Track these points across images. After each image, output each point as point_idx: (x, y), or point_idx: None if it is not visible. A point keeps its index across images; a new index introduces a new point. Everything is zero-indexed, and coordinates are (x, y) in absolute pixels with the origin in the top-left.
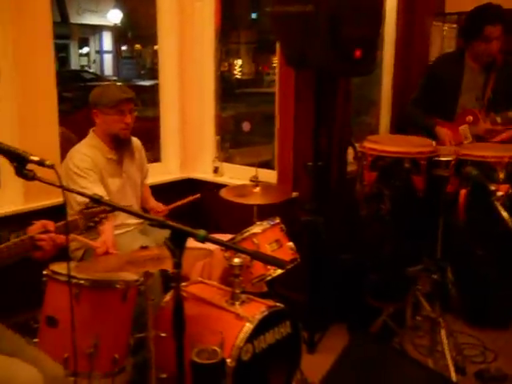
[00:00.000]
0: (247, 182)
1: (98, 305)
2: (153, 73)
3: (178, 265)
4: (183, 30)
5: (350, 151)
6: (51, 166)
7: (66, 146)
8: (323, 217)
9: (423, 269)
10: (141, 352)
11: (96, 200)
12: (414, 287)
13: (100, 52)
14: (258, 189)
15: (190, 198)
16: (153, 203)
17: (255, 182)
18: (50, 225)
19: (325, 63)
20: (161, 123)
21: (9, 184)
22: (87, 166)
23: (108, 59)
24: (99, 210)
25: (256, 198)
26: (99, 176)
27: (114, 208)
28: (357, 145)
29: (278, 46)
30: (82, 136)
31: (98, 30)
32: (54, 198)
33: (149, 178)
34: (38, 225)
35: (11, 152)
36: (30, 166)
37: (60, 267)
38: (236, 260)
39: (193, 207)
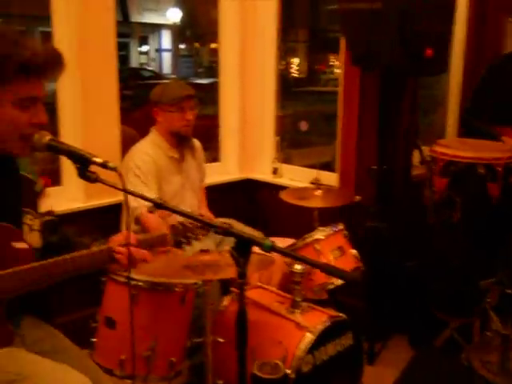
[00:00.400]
0: (308, 185)
1: (157, 307)
2: (210, 71)
3: (242, 275)
4: (245, 28)
5: (416, 154)
6: (114, 169)
7: (127, 143)
8: (387, 222)
9: (496, 282)
10: (197, 355)
11: (159, 205)
12: (484, 300)
13: (159, 50)
14: (319, 192)
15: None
16: (204, 211)
17: (316, 184)
18: (133, 238)
19: (393, 62)
20: (220, 122)
21: (70, 182)
22: (148, 168)
23: (167, 57)
24: (193, 226)
25: (317, 202)
26: (158, 177)
27: (180, 214)
28: (423, 148)
29: (341, 43)
30: (141, 134)
31: (157, 28)
32: (114, 197)
33: (207, 178)
34: (119, 236)
35: (74, 153)
36: (92, 168)
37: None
38: (297, 266)
39: (251, 209)
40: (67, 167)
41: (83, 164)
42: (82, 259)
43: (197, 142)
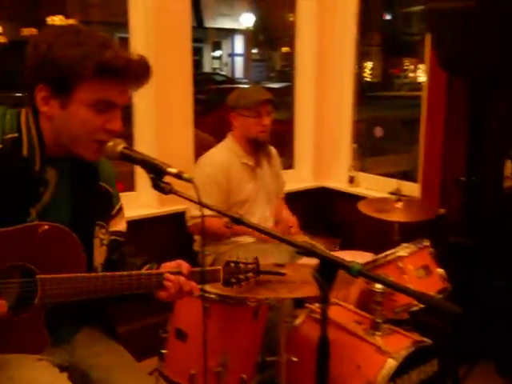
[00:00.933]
0: (387, 195)
1: (229, 321)
2: (282, 75)
3: (325, 300)
4: (322, 30)
5: (509, 164)
6: (189, 180)
7: (201, 147)
8: (474, 238)
9: None
10: (267, 372)
11: (236, 220)
12: None
13: (231, 55)
14: (400, 204)
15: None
16: (286, 214)
17: (397, 195)
18: (185, 267)
19: (489, 69)
20: (295, 128)
21: (144, 187)
22: (216, 177)
23: (239, 62)
24: (247, 268)
25: (397, 214)
26: (228, 185)
27: (259, 230)
28: None
29: (426, 46)
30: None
31: (230, 33)
32: (184, 205)
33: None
34: (173, 263)
35: (148, 163)
36: (167, 178)
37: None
38: (379, 286)
39: (325, 218)
40: (141, 173)
41: (157, 174)
42: (129, 279)
43: (273, 149)
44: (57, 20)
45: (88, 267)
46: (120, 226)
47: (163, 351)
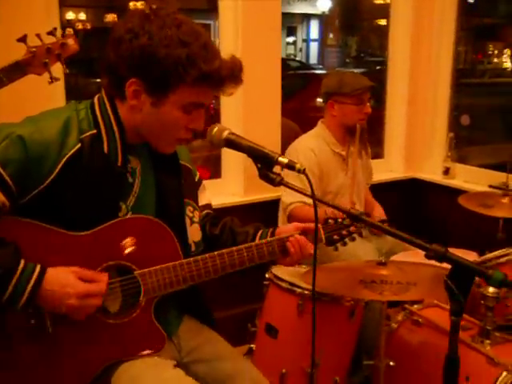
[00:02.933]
0: (489, 189)
1: (323, 320)
2: (357, 61)
3: (458, 312)
4: (419, 13)
5: None
6: (303, 171)
7: (286, 135)
8: None
9: None
10: (359, 373)
11: (354, 216)
12: None
13: (307, 40)
14: (506, 199)
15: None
16: (378, 211)
17: (504, 189)
18: (306, 227)
19: None
20: (386, 115)
21: (230, 175)
22: (309, 166)
23: (314, 47)
24: (346, 222)
25: (503, 210)
26: (319, 175)
27: (366, 223)
28: None
29: None
30: None
31: (306, 18)
32: (274, 192)
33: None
34: (289, 227)
35: (256, 151)
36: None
37: (283, 271)
38: (491, 289)
39: (416, 212)
40: (228, 159)
41: (266, 164)
42: (250, 251)
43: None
44: (138, 5)
45: (184, 250)
46: (206, 199)
47: (252, 346)
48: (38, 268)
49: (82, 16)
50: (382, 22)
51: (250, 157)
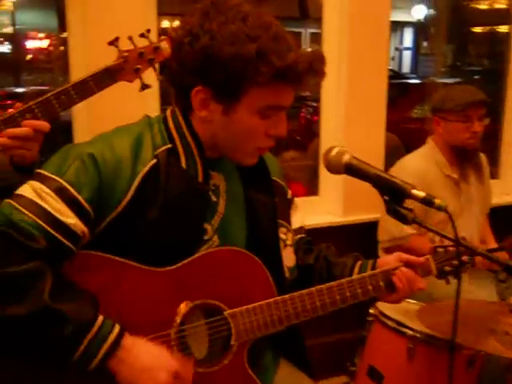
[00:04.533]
0: None
1: (436, 368)
2: (453, 71)
3: None
4: None
5: None
6: (443, 209)
7: (388, 150)
8: None
9: None
10: None
11: (466, 245)
12: None
13: (399, 49)
14: None
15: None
16: (491, 244)
17: None
18: (409, 259)
19: None
20: (503, 130)
21: (328, 193)
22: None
23: (407, 56)
24: (459, 251)
25: None
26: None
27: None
28: None
29: None
30: None
31: (399, 26)
32: (375, 213)
33: None
34: (391, 258)
35: (384, 181)
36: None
37: (390, 307)
38: None
39: None
40: (324, 177)
41: (396, 197)
42: (352, 286)
43: (483, 158)
44: None
45: (277, 277)
46: (299, 220)
47: None
48: (118, 327)
49: (177, 24)
50: (478, 29)
51: (376, 187)
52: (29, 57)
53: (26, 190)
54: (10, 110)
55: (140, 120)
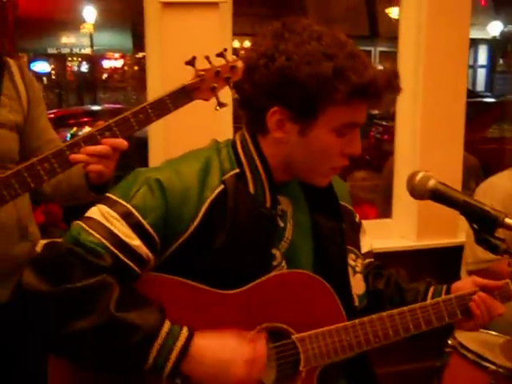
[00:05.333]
0: None
1: None
2: None
3: None
4: None
5: None
6: None
7: (466, 172)
8: None
9: None
10: None
11: None
12: None
13: (474, 66)
14: None
15: None
16: None
17: None
18: (487, 284)
19: None
20: None
21: (402, 215)
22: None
23: (481, 74)
24: None
25: None
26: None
27: None
28: None
29: None
30: None
31: (473, 43)
32: (452, 238)
33: None
34: (467, 283)
35: (473, 208)
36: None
37: (470, 338)
38: None
39: None
40: (400, 198)
41: (486, 225)
42: (426, 311)
43: None
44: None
45: (346, 305)
46: (367, 245)
47: None
48: (186, 330)
49: (247, 44)
50: None
51: (464, 215)
52: (104, 76)
53: (95, 212)
54: (90, 129)
55: (208, 145)
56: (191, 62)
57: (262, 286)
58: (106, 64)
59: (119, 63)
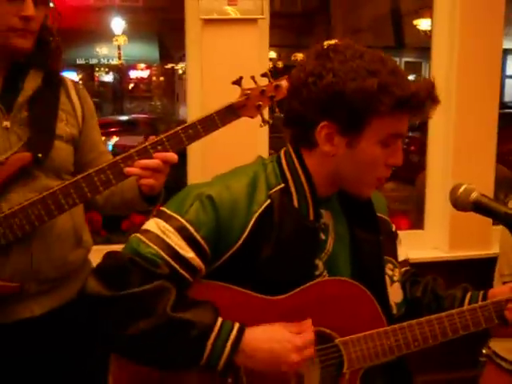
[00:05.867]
0: None
1: None
2: None
3: None
4: None
5: None
6: None
7: (499, 185)
8: None
9: None
10: None
11: None
12: None
13: (502, 77)
14: None
15: None
16: None
17: None
18: None
19: None
20: None
21: (434, 226)
22: None
23: (509, 84)
24: None
25: None
26: None
27: None
28: None
29: None
30: None
31: (502, 53)
32: (485, 249)
33: None
34: (504, 289)
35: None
36: None
37: (505, 348)
38: None
39: None
40: (432, 209)
41: None
42: (463, 317)
43: None
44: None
45: (385, 313)
46: (403, 253)
47: None
48: (237, 325)
49: (273, 55)
50: None
51: (507, 226)
52: (130, 86)
53: (152, 226)
54: (144, 144)
55: (254, 161)
56: (238, 82)
57: (305, 292)
58: (133, 74)
59: (145, 73)
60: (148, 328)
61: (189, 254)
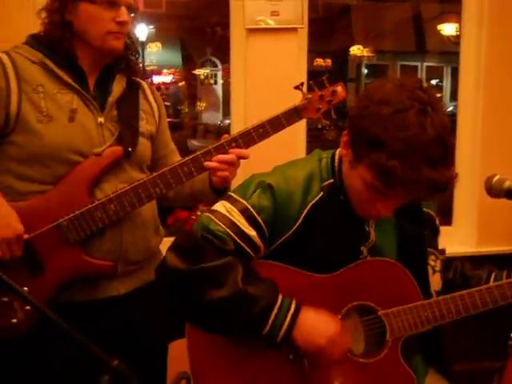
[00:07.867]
0: None
1: None
2: None
3: None
4: None
5: None
6: None
7: None
8: None
9: None
10: None
11: None
12: None
13: None
14: None
15: None
16: None
17: None
18: None
19: None
20: None
21: (462, 222)
22: None
23: None
24: None
25: None
26: None
27: None
28: None
29: None
30: None
31: None
32: (509, 245)
33: None
34: None
35: None
36: None
37: None
38: None
39: None
40: (459, 206)
41: None
42: (491, 291)
43: None
44: (356, 50)
45: (425, 299)
46: (441, 244)
47: None
48: (294, 303)
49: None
50: None
51: None
52: None
53: (220, 207)
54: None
55: (312, 154)
56: (299, 87)
57: (351, 270)
58: (156, 79)
59: (168, 78)
60: (220, 297)
61: (251, 232)
